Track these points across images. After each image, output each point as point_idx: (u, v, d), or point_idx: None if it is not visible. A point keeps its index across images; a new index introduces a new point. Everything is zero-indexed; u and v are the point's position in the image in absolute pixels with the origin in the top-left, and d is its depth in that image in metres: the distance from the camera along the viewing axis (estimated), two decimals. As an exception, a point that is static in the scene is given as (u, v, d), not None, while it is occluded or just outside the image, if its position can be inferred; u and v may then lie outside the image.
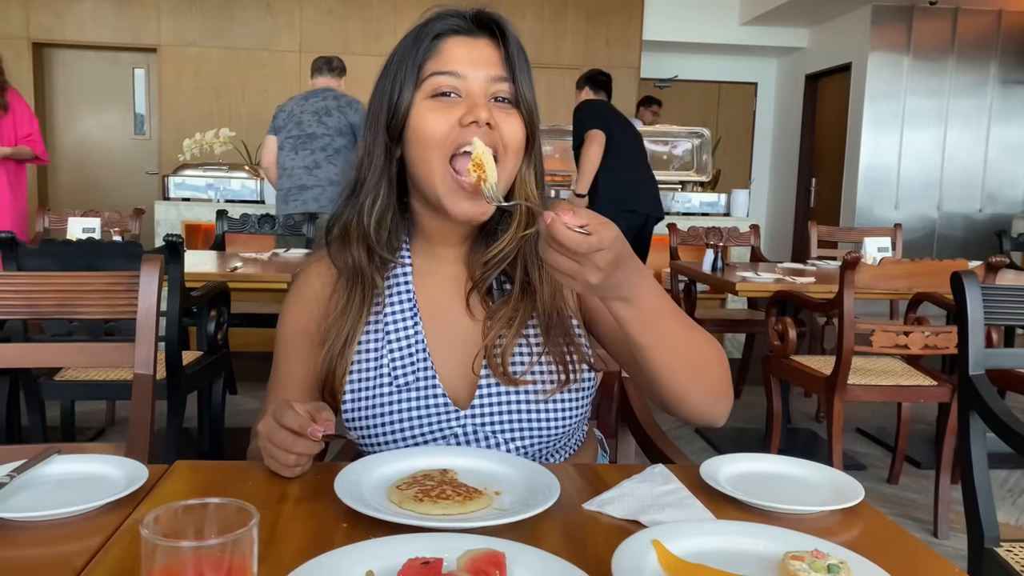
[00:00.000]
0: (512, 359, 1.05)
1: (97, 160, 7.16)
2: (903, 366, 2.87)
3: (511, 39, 1.02)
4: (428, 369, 1.05)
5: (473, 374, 1.05)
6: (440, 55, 1.00)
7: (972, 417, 1.55)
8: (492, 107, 1.00)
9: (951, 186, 6.93)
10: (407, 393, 1.04)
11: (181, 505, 0.56)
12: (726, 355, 1.01)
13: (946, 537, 2.63)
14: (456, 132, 0.98)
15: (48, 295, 1.44)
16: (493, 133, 0.99)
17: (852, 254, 2.54)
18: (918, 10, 6.64)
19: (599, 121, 4.39)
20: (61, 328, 2.38)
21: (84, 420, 3.46)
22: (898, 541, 0.83)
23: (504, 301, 1.06)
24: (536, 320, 1.07)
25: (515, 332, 1.05)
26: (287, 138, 4.18)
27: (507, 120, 1.01)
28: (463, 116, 0.98)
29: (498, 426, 1.04)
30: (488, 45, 1.02)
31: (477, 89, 0.99)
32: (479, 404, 1.04)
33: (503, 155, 1.01)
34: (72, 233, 3.19)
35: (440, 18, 1.02)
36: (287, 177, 4.18)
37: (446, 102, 0.99)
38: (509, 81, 1.01)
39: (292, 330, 1.12)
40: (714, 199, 5.54)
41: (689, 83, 8.35)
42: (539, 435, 1.06)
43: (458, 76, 0.99)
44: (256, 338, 4.65)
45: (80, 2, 6.74)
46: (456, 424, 1.04)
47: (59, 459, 0.92)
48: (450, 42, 1.01)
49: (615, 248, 0.77)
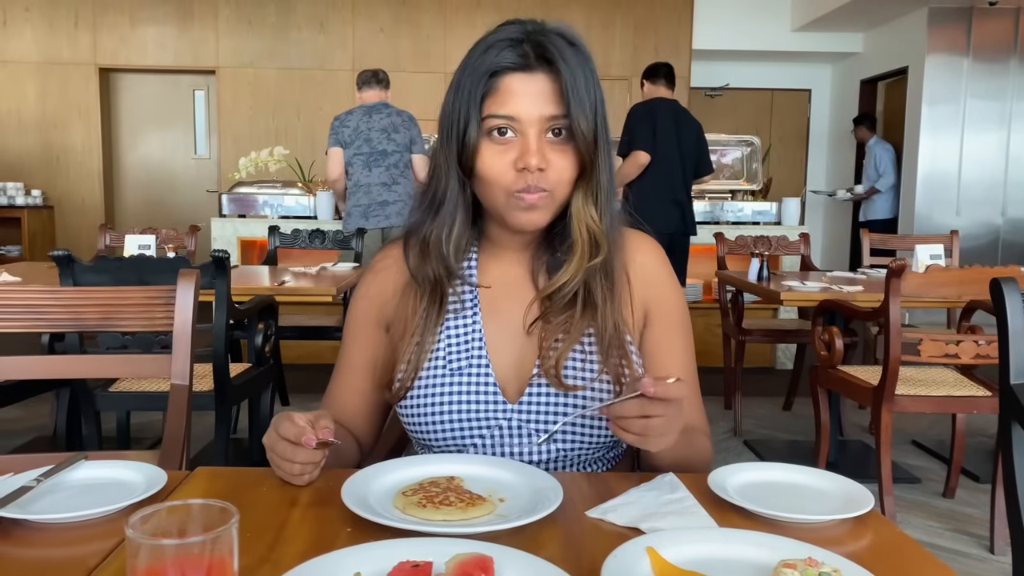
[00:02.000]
0: (565, 365, 1.07)
1: (160, 179, 7.41)
2: (955, 376, 2.79)
3: (567, 69, 1.00)
4: (483, 358, 1.09)
5: (526, 371, 1.08)
6: (497, 94, 1.01)
7: (1015, 428, 1.51)
8: (546, 145, 1.01)
9: (1016, 191, 6.71)
10: (459, 377, 1.08)
11: (166, 506, 0.59)
12: (711, 451, 1.14)
13: (1003, 553, 2.54)
14: (514, 174, 1.01)
15: (91, 308, 1.50)
16: (547, 175, 1.01)
17: (898, 261, 2.49)
18: (977, 11, 6.46)
19: (648, 142, 4.36)
20: (115, 341, 2.47)
21: (141, 431, 3.58)
22: (906, 551, 0.82)
23: (564, 309, 1.08)
24: (594, 332, 1.08)
25: (572, 340, 1.07)
26: (356, 155, 4.32)
27: (560, 157, 1.02)
28: (516, 160, 1.00)
29: (543, 425, 1.06)
30: (545, 79, 1.01)
31: (532, 131, 1.00)
32: (527, 401, 1.07)
33: (558, 186, 1.03)
34: (128, 250, 3.31)
35: (498, 48, 1.01)
36: (364, 194, 4.32)
37: (504, 143, 1.01)
38: (563, 116, 1.01)
39: (361, 314, 1.17)
40: (766, 208, 5.46)
41: (741, 91, 8.26)
42: (582, 441, 1.07)
43: (513, 119, 1.00)
44: (308, 350, 4.75)
45: (143, 27, 7.00)
46: (503, 416, 1.07)
47: (85, 465, 0.97)
48: (507, 80, 1.01)
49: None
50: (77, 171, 7.11)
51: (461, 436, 1.08)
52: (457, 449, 1.08)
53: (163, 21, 6.99)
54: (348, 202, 4.40)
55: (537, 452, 1.07)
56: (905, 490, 3.06)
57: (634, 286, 1.13)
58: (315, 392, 1.31)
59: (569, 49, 1.02)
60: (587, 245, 1.06)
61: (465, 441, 1.08)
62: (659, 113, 4.43)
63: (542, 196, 1.02)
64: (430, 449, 1.12)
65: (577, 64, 1.01)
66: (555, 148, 1.02)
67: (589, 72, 1.02)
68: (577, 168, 1.03)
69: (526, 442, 1.07)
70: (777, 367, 5.26)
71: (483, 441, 1.07)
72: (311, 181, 5.60)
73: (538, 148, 1.00)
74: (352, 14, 7.05)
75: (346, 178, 4.39)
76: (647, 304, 1.14)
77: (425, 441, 1.11)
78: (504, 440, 1.07)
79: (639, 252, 1.15)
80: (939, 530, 2.74)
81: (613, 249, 1.09)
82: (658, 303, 1.15)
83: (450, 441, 1.08)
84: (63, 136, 7.07)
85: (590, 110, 1.01)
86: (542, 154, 1.00)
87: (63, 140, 7.08)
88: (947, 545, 2.63)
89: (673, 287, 1.17)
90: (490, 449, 1.07)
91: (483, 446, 1.08)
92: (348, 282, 3.26)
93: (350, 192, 4.38)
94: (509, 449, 1.07)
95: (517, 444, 1.07)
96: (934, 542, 2.64)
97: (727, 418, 4.02)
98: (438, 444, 1.09)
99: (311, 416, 0.94)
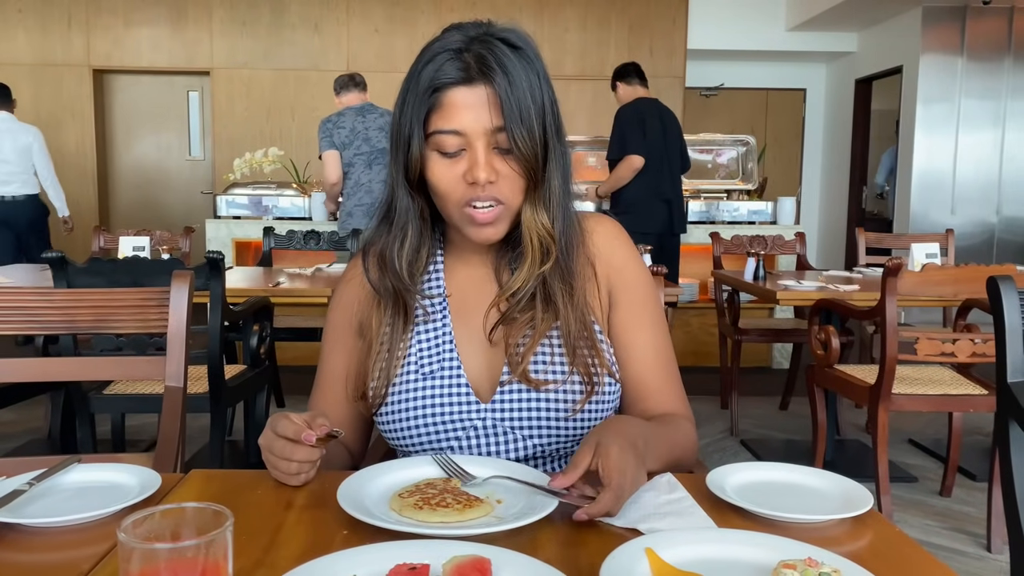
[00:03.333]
0: (534, 359, 1.06)
1: (154, 181, 7.38)
2: (952, 375, 2.79)
3: (504, 80, 0.98)
4: (454, 360, 1.09)
5: (496, 371, 1.08)
6: (442, 109, 0.99)
7: (1012, 426, 1.51)
8: (494, 157, 1.00)
9: (1011, 189, 6.71)
10: (431, 381, 1.08)
11: (159, 510, 0.58)
12: (696, 438, 1.14)
13: (1000, 552, 2.54)
14: (464, 187, 1.00)
15: (86, 311, 1.49)
16: (497, 185, 1.00)
17: (894, 260, 2.49)
18: (971, 10, 6.47)
19: (640, 144, 4.37)
20: (108, 343, 2.46)
21: (137, 433, 3.56)
22: (904, 551, 0.81)
23: (525, 308, 1.08)
24: (559, 328, 1.08)
25: (537, 337, 1.07)
26: (357, 155, 4.32)
27: (509, 168, 1.01)
28: (466, 173, 1.00)
29: (517, 423, 1.07)
30: (488, 90, 0.99)
31: (478, 143, 0.99)
32: (499, 400, 1.07)
33: (511, 197, 1.02)
34: (123, 252, 3.30)
35: (439, 61, 0.99)
36: (366, 192, 4.33)
37: (451, 157, 1.01)
38: (504, 130, 0.99)
39: (337, 323, 1.17)
40: (761, 207, 5.46)
41: (736, 91, 8.25)
42: (557, 436, 1.07)
43: (459, 134, 0.99)
44: (304, 352, 4.73)
45: (137, 29, 6.97)
46: (476, 416, 1.07)
47: (79, 468, 0.96)
48: (450, 94, 0.99)
49: (626, 479, 0.85)
50: (71, 173, 7.06)
51: (437, 439, 1.07)
52: (435, 452, 1.08)
53: (157, 22, 6.96)
54: (349, 202, 4.38)
55: (515, 449, 1.07)
56: (902, 489, 3.06)
57: (597, 269, 1.12)
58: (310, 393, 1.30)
59: (513, 55, 0.99)
60: (538, 252, 1.06)
61: (442, 444, 1.08)
62: (647, 114, 4.45)
63: (495, 211, 1.02)
64: (407, 454, 1.11)
65: (519, 71, 0.99)
66: (504, 159, 1.01)
67: (534, 76, 1.01)
68: (524, 181, 1.02)
69: (502, 441, 1.07)
70: (773, 366, 5.26)
71: (459, 443, 1.07)
72: (306, 182, 5.58)
73: (486, 161, 0.99)
74: (346, 15, 7.03)
75: (345, 179, 4.39)
76: (611, 285, 1.14)
77: (403, 447, 1.11)
78: (480, 440, 1.07)
79: (597, 235, 1.14)
80: (936, 529, 2.74)
81: (569, 249, 1.08)
82: (622, 283, 1.14)
83: (427, 445, 1.08)
84: (56, 137, 7.02)
85: (536, 116, 1.00)
86: (490, 166, 0.99)
87: (56, 141, 7.03)
88: (944, 544, 2.63)
89: (636, 265, 1.16)
90: (467, 450, 1.07)
91: (459, 448, 1.07)
92: (343, 283, 3.24)
93: (351, 192, 4.37)
94: (486, 449, 1.07)
95: (494, 444, 1.07)
96: (931, 541, 2.64)
97: (724, 417, 4.01)
98: (415, 448, 1.09)
99: (307, 416, 0.94)
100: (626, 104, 4.54)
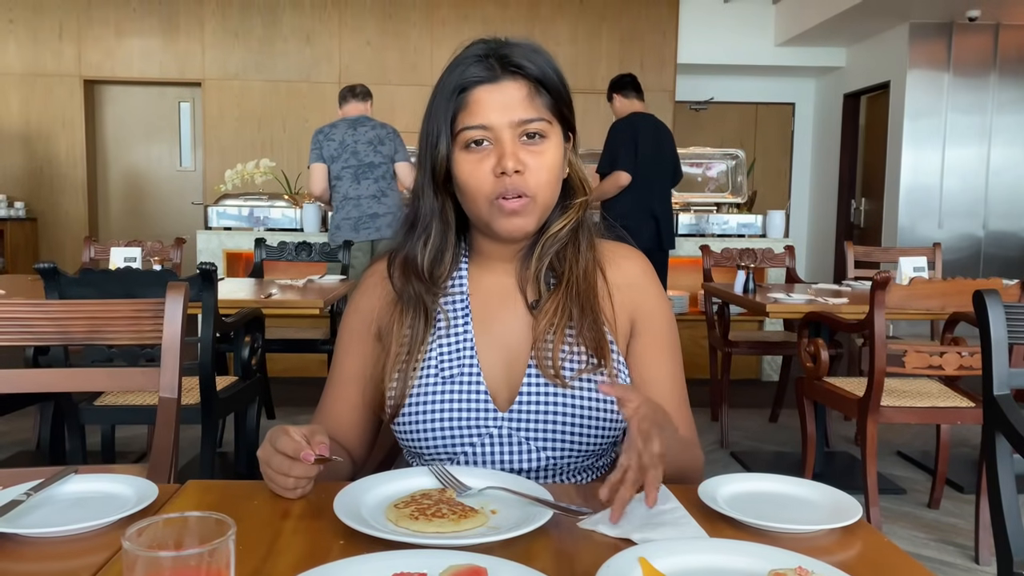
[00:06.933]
0: (561, 356, 1.08)
1: (145, 192, 7.37)
2: (940, 387, 2.81)
3: (533, 74, 1.05)
4: (474, 366, 1.10)
5: (516, 380, 1.09)
6: (468, 108, 1.05)
7: (998, 438, 1.53)
8: (521, 149, 1.04)
9: (997, 204, 6.78)
10: (450, 385, 1.09)
11: (162, 519, 0.59)
12: (702, 463, 1.19)
13: (987, 563, 2.56)
14: (492, 181, 1.04)
15: (79, 322, 1.49)
16: (524, 178, 1.04)
17: (882, 274, 2.52)
18: (957, 26, 6.55)
19: (630, 161, 4.37)
20: (100, 354, 2.46)
21: (127, 445, 3.55)
22: (893, 561, 0.83)
23: (550, 295, 1.11)
24: (573, 313, 1.10)
25: (560, 328, 1.09)
26: (344, 168, 4.33)
27: (536, 159, 1.05)
28: (494, 166, 1.03)
29: (532, 432, 1.08)
30: (513, 86, 1.05)
31: (505, 136, 1.04)
32: (517, 409, 1.08)
33: (538, 190, 1.06)
34: (114, 263, 3.29)
35: (464, 65, 1.06)
36: (353, 206, 4.33)
37: (480, 152, 1.05)
38: (535, 120, 1.05)
39: (354, 327, 1.18)
40: (751, 220, 5.50)
41: (725, 105, 8.31)
42: (571, 446, 1.08)
43: (486, 128, 1.04)
44: (295, 363, 4.73)
45: (129, 39, 6.97)
46: (493, 424, 1.08)
47: (76, 478, 0.96)
48: (476, 92, 1.05)
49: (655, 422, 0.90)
50: (61, 183, 7.05)
51: (452, 444, 1.08)
52: (448, 458, 1.09)
53: (149, 33, 6.97)
54: (337, 215, 4.39)
55: (527, 460, 1.08)
56: (890, 501, 3.08)
57: (621, 292, 1.15)
58: (301, 405, 1.31)
59: (532, 54, 1.07)
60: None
61: (456, 449, 1.08)
62: (641, 131, 4.42)
63: (523, 202, 1.05)
64: (420, 458, 1.12)
65: (541, 63, 1.07)
66: (531, 151, 1.05)
67: (551, 71, 1.07)
68: (559, 160, 1.07)
69: (515, 451, 1.08)
70: (763, 379, 5.28)
71: (473, 449, 1.08)
72: (297, 193, 5.59)
73: (512, 151, 1.03)
74: (339, 27, 7.05)
75: (333, 191, 4.40)
76: (633, 312, 1.16)
77: (416, 450, 1.11)
78: (494, 448, 1.08)
79: (625, 259, 1.18)
80: (924, 540, 2.76)
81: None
82: (646, 313, 1.16)
83: (441, 450, 1.09)
84: (47, 148, 7.02)
85: (562, 87, 1.08)
86: (516, 157, 1.03)
87: (47, 152, 7.03)
88: (932, 555, 2.65)
89: (660, 299, 1.19)
90: (480, 457, 1.08)
91: (474, 454, 1.08)
92: (335, 295, 3.25)
93: (339, 205, 4.38)
94: (499, 457, 1.08)
95: (507, 453, 1.08)
96: (920, 552, 2.66)
97: (713, 430, 4.03)
98: (429, 453, 1.10)
99: (306, 431, 0.94)
100: (621, 119, 4.55)
